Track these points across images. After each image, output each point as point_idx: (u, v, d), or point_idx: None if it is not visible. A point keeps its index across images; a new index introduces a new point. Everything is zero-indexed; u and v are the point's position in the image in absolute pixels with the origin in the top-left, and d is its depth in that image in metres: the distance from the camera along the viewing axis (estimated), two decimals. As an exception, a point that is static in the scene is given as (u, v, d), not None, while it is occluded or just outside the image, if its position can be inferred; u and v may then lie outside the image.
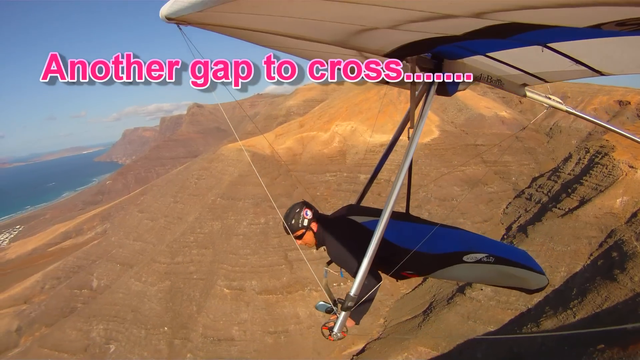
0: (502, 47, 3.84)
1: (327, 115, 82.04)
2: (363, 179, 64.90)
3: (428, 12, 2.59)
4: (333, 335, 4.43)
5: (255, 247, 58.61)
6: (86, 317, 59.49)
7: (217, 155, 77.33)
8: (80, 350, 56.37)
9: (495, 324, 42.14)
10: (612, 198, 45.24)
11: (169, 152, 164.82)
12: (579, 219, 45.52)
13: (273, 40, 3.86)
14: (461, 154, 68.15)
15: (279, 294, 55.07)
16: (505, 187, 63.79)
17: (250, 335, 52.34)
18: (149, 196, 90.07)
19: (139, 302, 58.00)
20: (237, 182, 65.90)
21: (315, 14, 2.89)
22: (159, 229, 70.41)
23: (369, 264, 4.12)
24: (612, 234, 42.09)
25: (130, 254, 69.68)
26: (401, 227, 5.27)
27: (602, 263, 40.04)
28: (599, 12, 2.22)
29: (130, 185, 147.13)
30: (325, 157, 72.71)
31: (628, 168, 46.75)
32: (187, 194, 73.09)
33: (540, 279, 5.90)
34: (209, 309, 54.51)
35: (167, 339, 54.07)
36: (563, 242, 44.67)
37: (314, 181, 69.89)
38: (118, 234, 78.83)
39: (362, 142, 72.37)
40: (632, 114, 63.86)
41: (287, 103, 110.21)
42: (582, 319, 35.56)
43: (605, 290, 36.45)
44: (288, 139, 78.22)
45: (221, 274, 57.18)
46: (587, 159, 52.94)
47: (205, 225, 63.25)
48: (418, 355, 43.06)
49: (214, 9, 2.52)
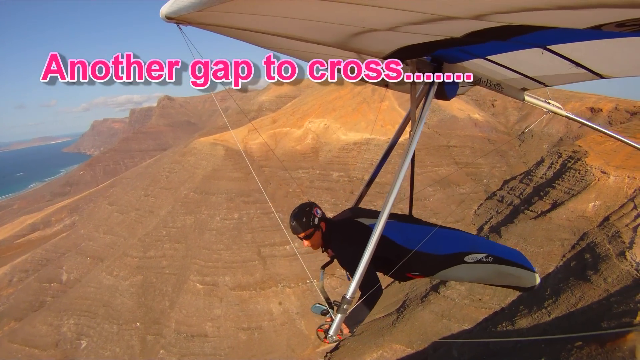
0: (501, 50, 3.80)
1: (300, 112, 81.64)
2: (336, 177, 66.32)
3: (427, 14, 2.56)
4: (328, 338, 4.26)
5: (229, 243, 58.02)
6: (57, 312, 58.20)
7: (189, 149, 76.51)
8: (51, 345, 55.00)
9: (470, 322, 42.34)
10: (585, 202, 45.87)
11: (138, 145, 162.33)
12: (552, 222, 46.13)
13: (272, 41, 3.87)
14: (434, 155, 68.44)
15: (252, 290, 54.59)
16: (476, 189, 64.24)
17: (224, 332, 51.79)
18: (119, 189, 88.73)
19: (110, 297, 56.87)
20: (211, 177, 65.20)
21: (314, 15, 2.85)
22: (130, 222, 69.18)
23: (366, 267, 4.03)
24: (585, 237, 42.65)
25: (100, 247, 68.43)
26: (405, 228, 5.26)
27: (575, 264, 40.52)
28: (599, 13, 2.19)
29: (99, 177, 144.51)
30: (298, 154, 72.40)
31: (600, 174, 47.21)
32: (159, 188, 72.02)
33: (533, 277, 5.90)
34: (181, 304, 53.78)
35: (140, 335, 53.12)
36: (536, 243, 45.24)
37: (286, 177, 69.24)
38: (87, 226, 77.36)
39: (335, 140, 72.30)
40: (604, 121, 64.42)
41: (259, 98, 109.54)
42: (556, 317, 35.82)
43: (579, 290, 36.80)
44: (260, 135, 77.20)
45: (194, 269, 56.48)
46: (559, 164, 53.56)
47: (178, 220, 62.42)
48: (393, 353, 43.01)
49: (214, 8, 2.53)
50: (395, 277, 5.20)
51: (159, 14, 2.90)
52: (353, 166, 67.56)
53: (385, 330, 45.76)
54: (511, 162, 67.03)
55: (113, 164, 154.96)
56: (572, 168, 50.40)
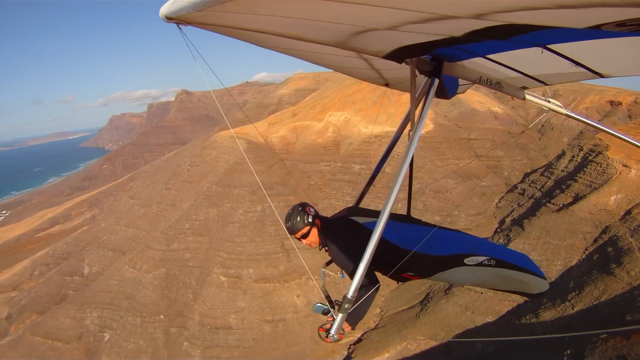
0: (501, 49, 3.82)
1: (320, 105, 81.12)
2: (357, 169, 65.96)
3: (427, 13, 2.53)
4: (330, 337, 4.26)
5: (252, 235, 57.38)
6: (79, 305, 57.87)
7: (209, 143, 75.98)
8: (74, 338, 54.71)
9: (493, 315, 41.87)
10: (607, 195, 45.33)
11: (156, 139, 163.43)
12: (574, 215, 45.53)
13: (272, 40, 3.81)
14: (455, 147, 67.83)
15: (276, 282, 54.03)
16: (497, 182, 63.43)
17: (248, 324, 51.29)
18: (139, 182, 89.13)
19: (133, 290, 56.53)
20: (233, 170, 64.63)
21: (314, 15, 2.79)
22: (152, 216, 68.84)
23: (366, 266, 3.98)
24: (607, 230, 42.13)
25: (122, 240, 68.26)
26: (402, 228, 5.27)
27: (598, 257, 40.06)
28: (599, 13, 2.16)
29: (118, 172, 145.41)
30: (319, 147, 71.94)
31: (622, 167, 46.72)
32: (180, 181, 71.49)
33: (541, 283, 5.83)
34: (205, 296, 53.25)
35: (163, 327, 52.71)
36: (559, 236, 44.67)
37: (307, 170, 69.18)
38: (108, 220, 77.23)
39: (356, 133, 71.68)
40: (624, 114, 63.79)
41: (278, 92, 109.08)
42: (580, 310, 35.62)
43: (603, 283, 36.41)
44: (281, 128, 77.23)
45: (217, 261, 55.89)
46: (580, 157, 52.99)
47: (201, 213, 61.86)
48: (417, 345, 42.50)
49: (214, 8, 2.50)
50: (391, 276, 5.10)
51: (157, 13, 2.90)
52: (374, 159, 66.23)
53: (409, 323, 45.34)
54: (532, 155, 66.12)
55: (132, 158, 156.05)
56: (593, 161, 49.71)
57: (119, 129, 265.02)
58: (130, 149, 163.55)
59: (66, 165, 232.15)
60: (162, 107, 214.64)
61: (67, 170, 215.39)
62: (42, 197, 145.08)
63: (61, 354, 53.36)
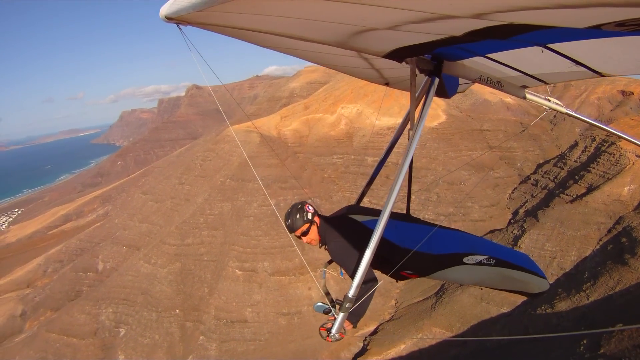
0: (501, 48, 3.81)
1: (332, 98, 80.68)
2: (371, 162, 65.78)
3: (428, 13, 2.52)
4: (331, 337, 4.24)
5: (267, 229, 57.06)
6: (94, 301, 57.86)
7: (222, 137, 75.84)
8: (89, 334, 54.74)
9: (509, 306, 41.80)
10: (620, 186, 45.23)
11: (168, 134, 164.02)
12: (588, 205, 45.49)
13: (273, 40, 3.79)
14: (467, 139, 67.54)
15: (291, 275, 53.90)
16: (510, 173, 63.29)
17: (264, 317, 51.24)
18: (151, 178, 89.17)
19: (148, 285, 56.45)
20: (246, 164, 64.32)
21: (314, 15, 2.78)
22: (166, 211, 68.65)
23: (367, 265, 3.97)
24: (621, 221, 42.08)
25: (136, 235, 68.16)
26: (401, 227, 5.24)
27: (612, 248, 39.86)
28: (599, 12, 2.17)
29: (130, 167, 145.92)
30: (332, 140, 71.57)
31: (635, 157, 46.65)
32: (193, 176, 71.25)
33: (541, 283, 5.79)
34: (221, 290, 53.15)
35: (179, 322, 52.70)
36: (573, 227, 44.59)
37: (321, 163, 68.88)
38: (121, 215, 77.45)
39: (369, 125, 71.33)
40: (635, 104, 63.25)
41: (289, 85, 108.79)
42: (595, 300, 35.46)
43: (617, 273, 36.30)
44: (294, 121, 76.82)
45: (232, 255, 55.74)
46: (593, 147, 53.04)
47: (215, 207, 61.63)
48: (433, 336, 42.58)
49: (214, 8, 2.48)
50: (390, 275, 5.05)
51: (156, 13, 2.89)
52: None
53: (424, 314, 45.26)
54: (544, 146, 65.67)
55: (144, 153, 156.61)
56: (606, 152, 49.66)
57: (129, 125, 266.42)
58: (142, 145, 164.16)
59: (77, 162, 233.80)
60: (173, 103, 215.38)
61: (78, 167, 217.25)
62: (54, 195, 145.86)
63: (77, 350, 53.44)
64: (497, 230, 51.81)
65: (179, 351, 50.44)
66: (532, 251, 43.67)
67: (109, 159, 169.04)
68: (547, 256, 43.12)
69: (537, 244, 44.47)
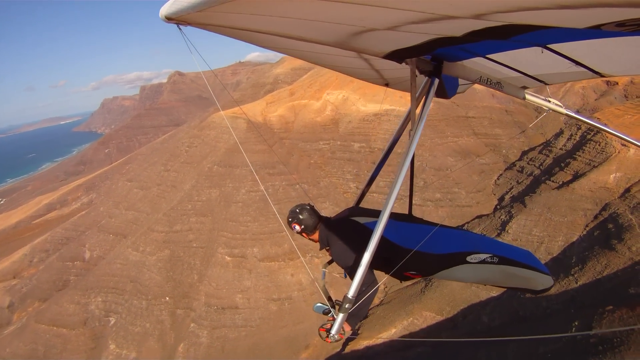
0: (501, 49, 3.81)
1: (317, 84, 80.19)
2: (357, 147, 66.00)
3: (428, 14, 2.52)
4: (330, 337, 4.26)
5: (255, 215, 56.90)
6: (83, 290, 57.20)
7: (208, 123, 75.38)
8: (79, 324, 54.20)
9: (498, 289, 41.68)
10: (606, 174, 45.42)
11: (150, 121, 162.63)
12: (575, 192, 45.67)
13: (273, 41, 3.80)
14: (453, 125, 67.65)
15: (280, 260, 53.77)
16: (496, 159, 63.39)
17: (254, 303, 51.05)
18: (135, 165, 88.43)
19: (137, 273, 55.91)
20: (234, 150, 63.93)
21: (314, 15, 2.78)
22: (152, 198, 68.06)
23: (367, 266, 3.94)
24: (607, 207, 42.33)
25: (122, 223, 67.44)
26: (403, 227, 5.25)
27: (599, 234, 40.18)
28: (599, 13, 2.16)
29: (113, 155, 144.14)
30: (318, 126, 71.35)
31: (620, 146, 46.76)
32: (179, 162, 70.69)
33: (545, 279, 5.73)
34: (210, 277, 52.88)
35: (170, 309, 52.31)
36: (560, 213, 44.74)
37: (307, 149, 68.55)
38: (106, 203, 76.49)
39: (355, 111, 71.09)
40: (620, 94, 63.41)
41: (274, 71, 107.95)
42: (584, 284, 35.69)
43: (605, 258, 36.53)
44: (279, 107, 76.40)
45: (221, 241, 55.46)
46: (579, 135, 53.15)
47: (203, 193, 61.20)
48: (423, 319, 42.43)
49: (214, 9, 2.50)
50: (393, 275, 5.07)
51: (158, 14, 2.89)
52: (374, 137, 66.50)
53: (414, 298, 45.17)
54: (529, 134, 65.74)
55: (126, 140, 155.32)
56: (592, 140, 49.73)
57: (111, 113, 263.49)
58: (124, 132, 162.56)
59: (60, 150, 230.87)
60: (155, 89, 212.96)
61: (60, 155, 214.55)
62: (37, 184, 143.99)
63: (67, 340, 52.96)
64: (484, 215, 51.92)
65: (170, 339, 50.11)
66: (520, 236, 44.03)
67: (91, 147, 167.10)
68: (535, 241, 43.19)
69: (525, 229, 44.58)
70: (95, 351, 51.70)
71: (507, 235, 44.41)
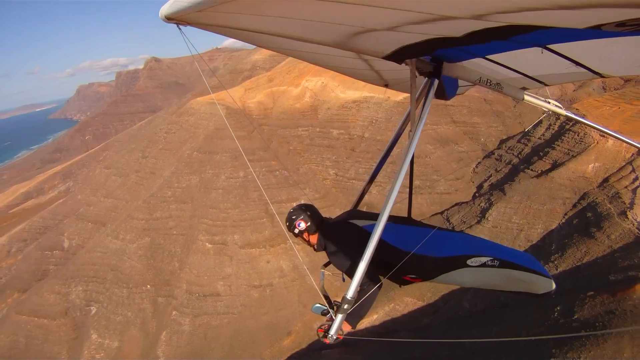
0: (501, 50, 3.74)
1: (296, 70, 79.91)
2: (336, 134, 66.16)
3: (427, 14, 2.49)
4: (329, 338, 4.16)
5: (236, 201, 56.65)
6: (63, 279, 56.57)
7: (186, 109, 74.77)
8: (60, 314, 53.53)
9: None
10: (585, 163, 45.72)
11: (127, 108, 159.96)
12: (554, 181, 46.01)
13: (272, 41, 3.76)
14: (432, 113, 67.13)
15: (261, 247, 53.50)
16: (474, 148, 63.70)
17: (236, 290, 50.84)
18: (113, 152, 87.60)
19: (118, 261, 55.36)
20: (214, 136, 63.64)
21: (314, 15, 2.76)
22: (131, 185, 67.54)
23: (365, 267, 3.83)
24: (585, 196, 42.67)
25: (101, 211, 66.65)
26: (403, 230, 5.14)
27: (578, 222, 40.53)
28: (599, 13, 2.15)
29: (89, 142, 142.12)
30: (297, 112, 71.19)
31: (599, 137, 47.04)
32: (158, 149, 70.31)
33: (547, 283, 5.56)
34: (191, 264, 52.56)
35: (151, 297, 51.89)
36: (539, 201, 45.12)
37: (286, 135, 68.55)
38: (84, 191, 75.61)
39: (334, 98, 70.90)
40: (598, 85, 63.72)
41: (252, 57, 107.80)
42: (564, 271, 35.72)
43: (584, 246, 36.85)
44: (258, 94, 76.06)
45: (202, 228, 55.14)
46: (557, 126, 53.45)
47: (183, 180, 60.74)
48: (404, 305, 42.80)
49: (213, 9, 2.50)
50: (392, 280, 5.03)
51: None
52: (353, 124, 66.56)
53: (395, 285, 45.07)
54: (507, 122, 66.21)
55: (102, 127, 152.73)
56: (570, 130, 49.98)
57: (87, 99, 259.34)
58: (100, 119, 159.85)
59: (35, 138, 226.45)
60: (131, 76, 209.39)
61: (36, 143, 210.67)
62: (12, 172, 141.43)
63: (49, 331, 52.37)
64: (463, 203, 52.12)
65: (152, 327, 49.72)
66: (499, 223, 44.31)
67: (67, 134, 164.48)
68: (515, 229, 43.57)
69: (505, 216, 44.86)
70: (77, 341, 51.15)
71: (487, 223, 44.71)
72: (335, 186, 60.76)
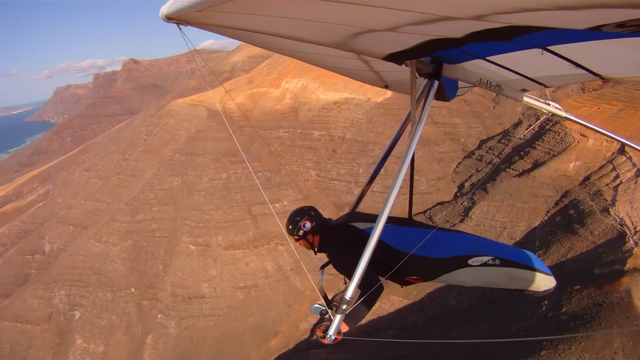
0: (501, 51, 3.74)
1: (276, 72, 79.67)
2: (317, 135, 65.85)
3: (427, 15, 2.48)
4: (327, 338, 4.12)
5: (219, 203, 56.38)
6: (46, 284, 55.67)
7: (166, 111, 74.03)
8: (44, 319, 52.68)
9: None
10: (566, 162, 46.10)
11: (105, 110, 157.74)
12: (536, 179, 46.36)
13: (272, 41, 3.82)
14: (412, 115, 67.48)
15: (245, 248, 53.15)
16: (454, 148, 63.64)
17: (221, 292, 50.46)
18: (92, 154, 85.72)
19: (101, 264, 54.56)
20: (195, 138, 63.28)
21: (314, 15, 2.76)
22: (112, 187, 66.54)
23: (365, 267, 3.83)
24: (567, 194, 42.97)
25: (82, 214, 65.55)
26: (403, 232, 5.12)
27: (560, 219, 40.82)
28: (599, 14, 2.13)
29: (67, 145, 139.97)
30: (278, 114, 70.65)
31: (580, 136, 47.45)
32: (138, 151, 69.42)
33: (548, 280, 5.54)
34: (175, 266, 52.12)
35: (135, 301, 51.27)
36: (522, 199, 45.41)
37: (267, 137, 67.78)
38: (64, 194, 74.26)
39: (315, 99, 70.69)
40: (577, 86, 64.18)
41: (231, 59, 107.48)
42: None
43: (568, 242, 37.09)
44: (238, 95, 75.44)
45: (185, 230, 54.74)
46: (537, 126, 53.67)
47: (165, 182, 60.20)
48: (390, 304, 42.84)
49: (214, 8, 2.50)
50: (394, 281, 5.06)
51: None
52: (334, 125, 66.30)
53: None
54: (487, 123, 66.22)
55: (80, 130, 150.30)
56: (551, 130, 50.38)
57: (64, 101, 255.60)
58: (78, 121, 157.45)
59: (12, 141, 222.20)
60: (109, 77, 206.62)
61: (13, 146, 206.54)
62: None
63: (32, 337, 51.49)
64: (445, 202, 52.46)
65: (137, 331, 49.12)
66: (483, 222, 44.47)
67: (45, 137, 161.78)
68: (498, 226, 43.82)
69: (488, 215, 45.11)
70: (62, 346, 50.37)
71: (470, 221, 44.89)
72: (317, 187, 60.54)
